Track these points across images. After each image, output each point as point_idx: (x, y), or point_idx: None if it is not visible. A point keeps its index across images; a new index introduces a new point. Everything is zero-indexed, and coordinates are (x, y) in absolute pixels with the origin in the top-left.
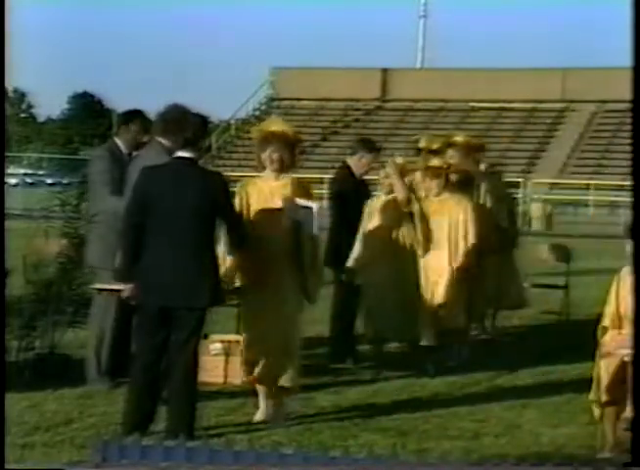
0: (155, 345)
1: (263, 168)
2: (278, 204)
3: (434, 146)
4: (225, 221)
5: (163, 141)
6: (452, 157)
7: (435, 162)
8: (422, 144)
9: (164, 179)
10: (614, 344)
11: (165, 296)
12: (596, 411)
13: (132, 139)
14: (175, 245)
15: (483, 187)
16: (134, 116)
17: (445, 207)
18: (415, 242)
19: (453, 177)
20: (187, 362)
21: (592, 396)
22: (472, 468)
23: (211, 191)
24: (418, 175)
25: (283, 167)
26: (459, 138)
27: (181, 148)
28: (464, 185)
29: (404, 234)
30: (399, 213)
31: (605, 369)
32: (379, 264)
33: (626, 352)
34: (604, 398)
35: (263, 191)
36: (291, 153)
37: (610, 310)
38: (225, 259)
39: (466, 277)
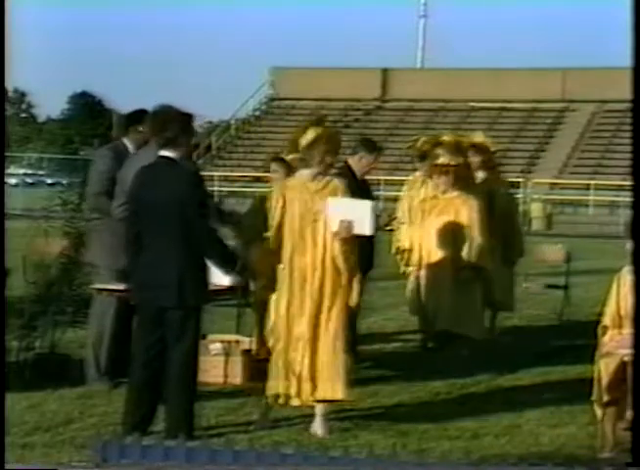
0: (150, 344)
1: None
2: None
3: (424, 148)
4: (191, 218)
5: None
6: (442, 155)
7: (443, 159)
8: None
9: (149, 179)
10: (614, 343)
11: (153, 295)
12: (597, 411)
13: (140, 139)
14: (160, 244)
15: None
16: (141, 116)
17: (452, 205)
18: None
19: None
20: (182, 361)
21: (594, 396)
22: (472, 468)
23: (185, 189)
24: (417, 175)
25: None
26: (446, 137)
27: (162, 147)
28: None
29: None
30: None
31: (605, 369)
32: None
33: (626, 352)
34: (605, 398)
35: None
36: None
37: (610, 309)
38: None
39: (470, 278)
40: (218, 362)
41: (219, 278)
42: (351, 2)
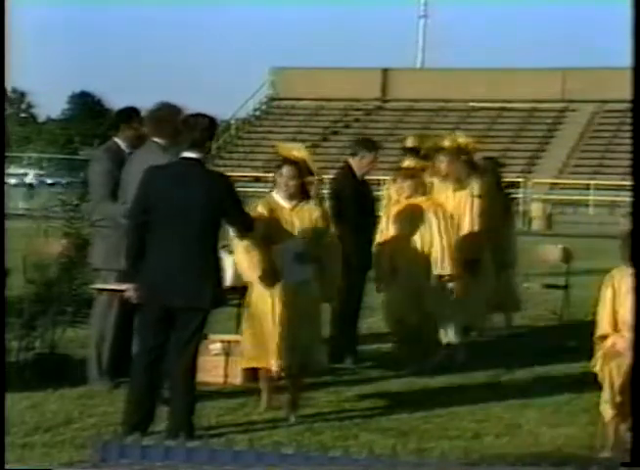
0: (156, 345)
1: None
2: None
3: (411, 145)
4: (234, 222)
5: (159, 141)
6: (441, 161)
7: (408, 163)
8: (409, 144)
9: (169, 179)
10: (623, 345)
11: (169, 296)
12: (608, 412)
13: (132, 137)
14: (179, 246)
15: (475, 187)
16: (130, 113)
17: (417, 210)
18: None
19: (447, 178)
20: (187, 363)
21: (605, 398)
22: (472, 468)
23: (218, 192)
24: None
25: None
26: (447, 142)
27: (188, 148)
28: (457, 185)
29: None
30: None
31: (617, 371)
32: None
33: None
34: (618, 399)
35: None
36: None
37: (608, 315)
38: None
39: (442, 286)
40: (218, 362)
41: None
42: (351, 2)
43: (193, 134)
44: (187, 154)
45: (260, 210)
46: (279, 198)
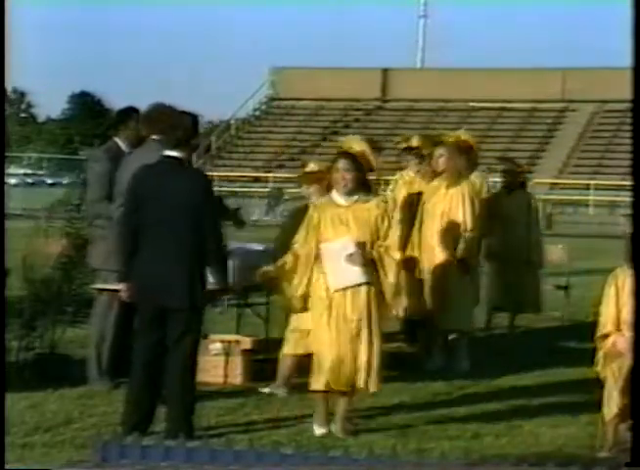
0: (152, 344)
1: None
2: None
3: (414, 144)
4: (206, 224)
5: (157, 138)
6: (441, 155)
7: (312, 166)
8: (414, 143)
9: (153, 179)
10: (624, 345)
11: (155, 295)
12: (611, 412)
13: (132, 137)
14: (162, 245)
15: (466, 188)
16: (130, 113)
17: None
18: None
19: (444, 176)
20: (182, 362)
21: (607, 399)
22: (472, 468)
23: (194, 191)
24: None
25: None
26: (448, 137)
27: (172, 147)
28: (451, 182)
29: None
30: None
31: (618, 371)
32: None
33: None
34: (619, 399)
35: None
36: None
37: (611, 314)
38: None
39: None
40: (218, 362)
41: None
42: (351, 2)
43: (177, 133)
44: (168, 152)
45: (314, 207)
46: (335, 194)
